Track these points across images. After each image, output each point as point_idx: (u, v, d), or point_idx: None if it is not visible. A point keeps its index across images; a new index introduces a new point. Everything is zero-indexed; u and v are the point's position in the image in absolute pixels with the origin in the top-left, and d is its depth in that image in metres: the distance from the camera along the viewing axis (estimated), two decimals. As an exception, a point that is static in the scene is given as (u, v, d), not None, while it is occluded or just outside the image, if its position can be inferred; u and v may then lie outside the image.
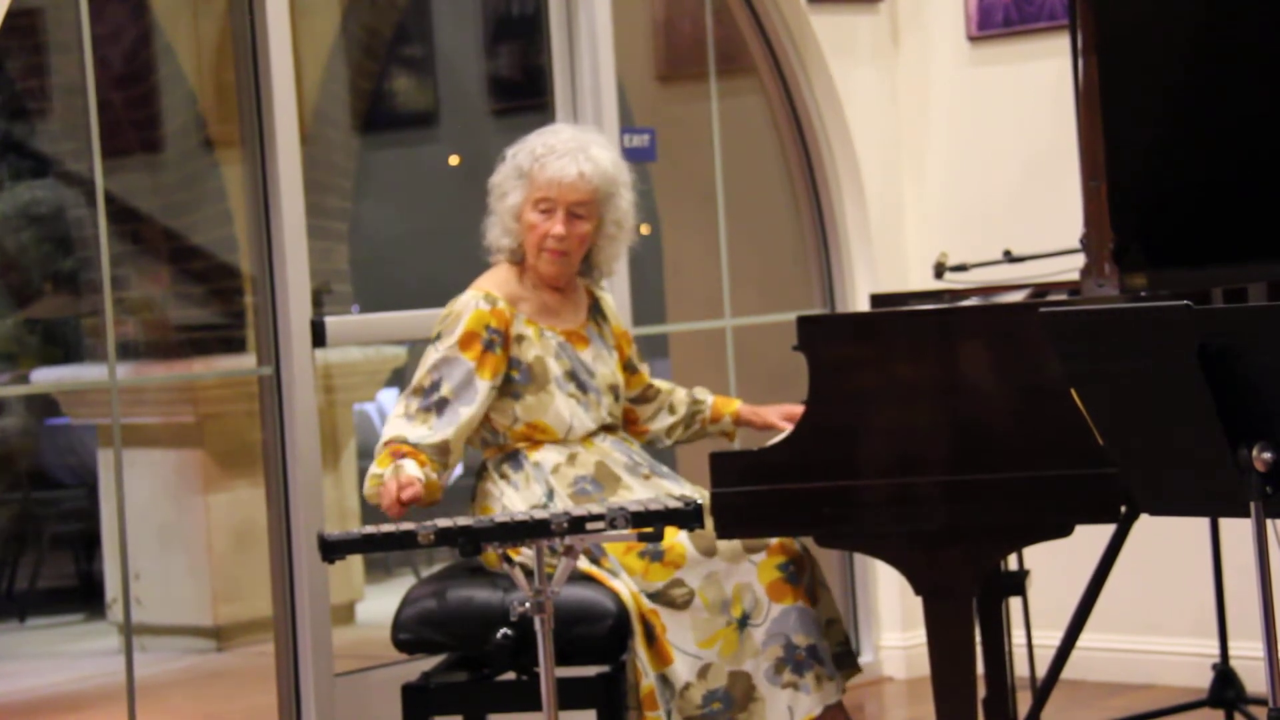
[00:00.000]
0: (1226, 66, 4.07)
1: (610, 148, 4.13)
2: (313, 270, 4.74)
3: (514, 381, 3.98)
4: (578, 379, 4.04)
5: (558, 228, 4.01)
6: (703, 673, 3.82)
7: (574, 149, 4.02)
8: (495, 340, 3.96)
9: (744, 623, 3.85)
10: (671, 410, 4.29)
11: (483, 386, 3.93)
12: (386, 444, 3.87)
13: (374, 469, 3.84)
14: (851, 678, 3.96)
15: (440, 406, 3.91)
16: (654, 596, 3.84)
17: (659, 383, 4.32)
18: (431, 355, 3.96)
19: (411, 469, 3.76)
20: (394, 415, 3.93)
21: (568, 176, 4.00)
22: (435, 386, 3.92)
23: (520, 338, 4.00)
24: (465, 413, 3.91)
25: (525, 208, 4.04)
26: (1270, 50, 4.07)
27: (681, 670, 3.81)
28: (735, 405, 4.32)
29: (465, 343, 3.94)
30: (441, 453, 3.87)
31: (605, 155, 4.06)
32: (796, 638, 3.85)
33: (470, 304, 3.98)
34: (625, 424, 4.25)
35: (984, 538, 3.59)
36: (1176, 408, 2.96)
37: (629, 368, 4.24)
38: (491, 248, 4.11)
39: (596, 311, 4.18)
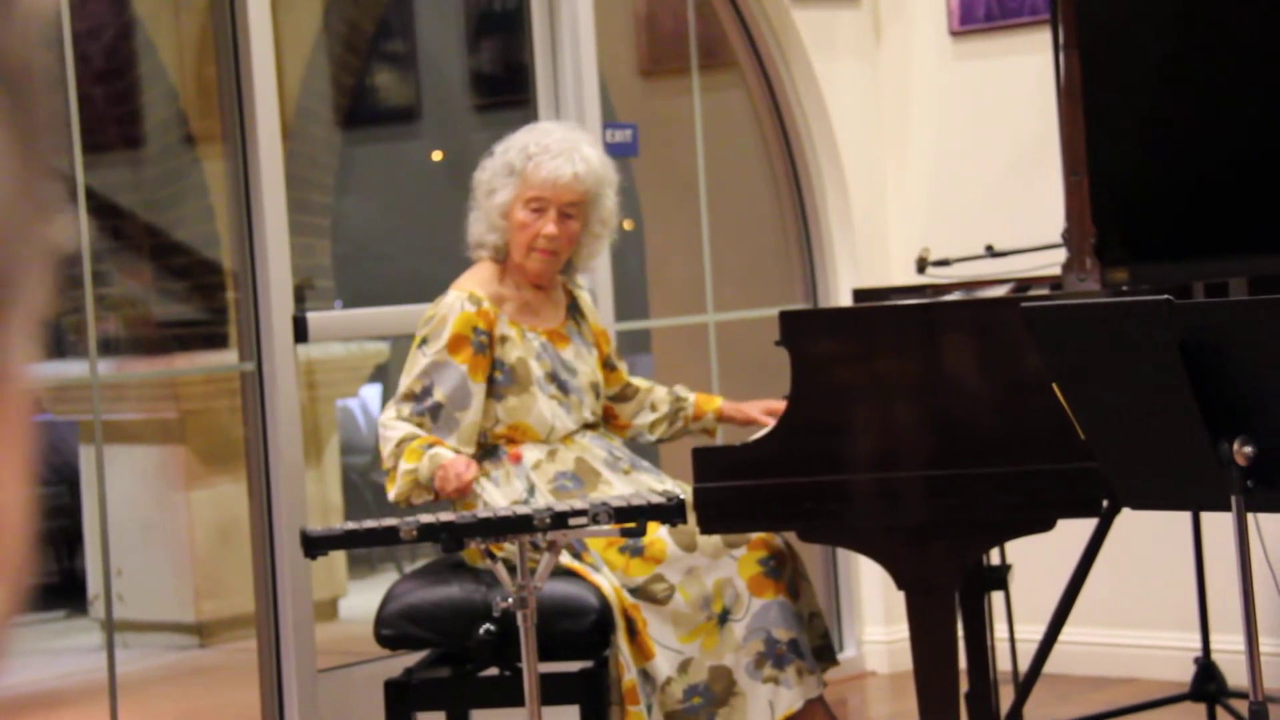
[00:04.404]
0: (1207, 61, 4.07)
1: (598, 146, 4.13)
2: (295, 266, 4.73)
3: (496, 383, 3.97)
4: (559, 380, 4.02)
5: (550, 227, 3.99)
6: (683, 668, 3.81)
7: (567, 149, 4.01)
8: (484, 342, 3.95)
9: (725, 618, 3.85)
10: (653, 408, 4.28)
11: (478, 390, 3.91)
12: (400, 444, 3.82)
13: (404, 466, 3.78)
14: (829, 669, 3.97)
15: (435, 412, 3.88)
16: (635, 592, 3.84)
17: (637, 381, 4.31)
18: (420, 360, 3.92)
19: (448, 452, 3.77)
20: (388, 419, 3.88)
21: (563, 177, 3.98)
22: (428, 392, 3.89)
23: (504, 339, 3.98)
24: (466, 418, 3.89)
25: (515, 206, 4.02)
26: (1251, 44, 4.08)
27: (663, 665, 3.81)
28: (717, 402, 4.31)
29: (454, 346, 3.92)
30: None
31: (595, 155, 4.05)
32: (777, 632, 3.85)
33: (455, 306, 3.95)
34: (606, 420, 4.24)
35: (966, 532, 3.60)
36: (1158, 402, 2.96)
37: (607, 365, 4.23)
38: (474, 244, 4.09)
39: (574, 310, 4.17)
